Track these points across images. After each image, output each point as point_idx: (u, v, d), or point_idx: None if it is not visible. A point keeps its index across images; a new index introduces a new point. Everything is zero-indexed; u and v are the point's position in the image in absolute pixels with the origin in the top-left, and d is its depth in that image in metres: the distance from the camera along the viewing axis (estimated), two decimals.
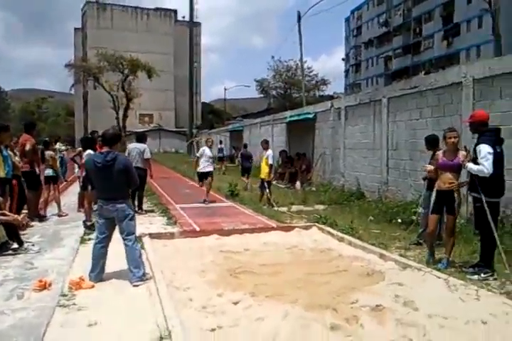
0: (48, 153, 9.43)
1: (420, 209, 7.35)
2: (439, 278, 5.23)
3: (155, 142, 48.63)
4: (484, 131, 5.42)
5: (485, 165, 5.09)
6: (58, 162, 10.30)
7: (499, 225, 7.03)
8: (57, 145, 12.68)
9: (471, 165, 5.28)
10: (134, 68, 48.54)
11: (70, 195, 12.04)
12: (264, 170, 11.40)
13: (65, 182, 12.55)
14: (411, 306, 4.33)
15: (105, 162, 5.14)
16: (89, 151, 8.82)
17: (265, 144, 11.87)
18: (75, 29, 78.43)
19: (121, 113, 49.60)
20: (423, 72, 50.69)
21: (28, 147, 8.33)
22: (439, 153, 5.99)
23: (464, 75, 8.38)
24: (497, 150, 5.23)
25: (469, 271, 5.51)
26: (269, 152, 11.54)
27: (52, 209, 9.79)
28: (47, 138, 10.83)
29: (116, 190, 5.19)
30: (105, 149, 5.28)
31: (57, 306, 4.37)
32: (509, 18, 37.02)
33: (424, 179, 7.21)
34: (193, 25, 45.76)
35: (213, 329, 3.83)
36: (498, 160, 5.20)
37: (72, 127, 77.32)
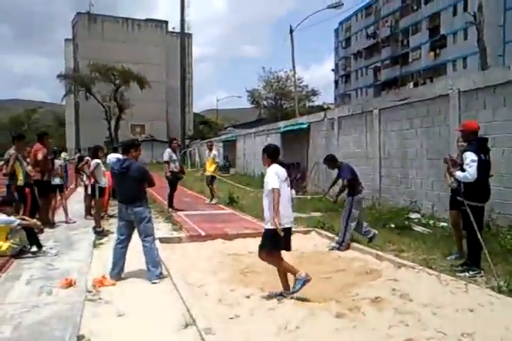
0: (58, 162, 9.82)
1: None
2: (431, 274, 5.71)
3: (147, 153, 48.76)
4: (472, 139, 5.91)
5: (469, 171, 5.52)
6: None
7: (485, 228, 7.59)
8: (63, 155, 13.07)
9: (456, 172, 5.77)
10: (125, 79, 49.13)
11: (73, 203, 12.41)
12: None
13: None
14: (406, 298, 4.81)
15: (121, 169, 5.63)
16: (97, 160, 9.28)
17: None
18: (66, 40, 78.85)
19: (113, 123, 50.01)
20: (412, 83, 51.80)
21: (40, 156, 8.74)
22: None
23: (451, 87, 8.96)
24: (482, 158, 5.64)
25: (458, 269, 5.96)
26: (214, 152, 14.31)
27: (59, 217, 10.14)
28: (55, 148, 11.25)
29: (132, 194, 5.63)
30: (123, 157, 5.78)
31: (86, 300, 4.79)
32: (492, 30, 38.25)
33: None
34: (184, 36, 46.38)
35: (232, 318, 4.29)
36: (482, 167, 5.61)
37: (63, 138, 77.19)
